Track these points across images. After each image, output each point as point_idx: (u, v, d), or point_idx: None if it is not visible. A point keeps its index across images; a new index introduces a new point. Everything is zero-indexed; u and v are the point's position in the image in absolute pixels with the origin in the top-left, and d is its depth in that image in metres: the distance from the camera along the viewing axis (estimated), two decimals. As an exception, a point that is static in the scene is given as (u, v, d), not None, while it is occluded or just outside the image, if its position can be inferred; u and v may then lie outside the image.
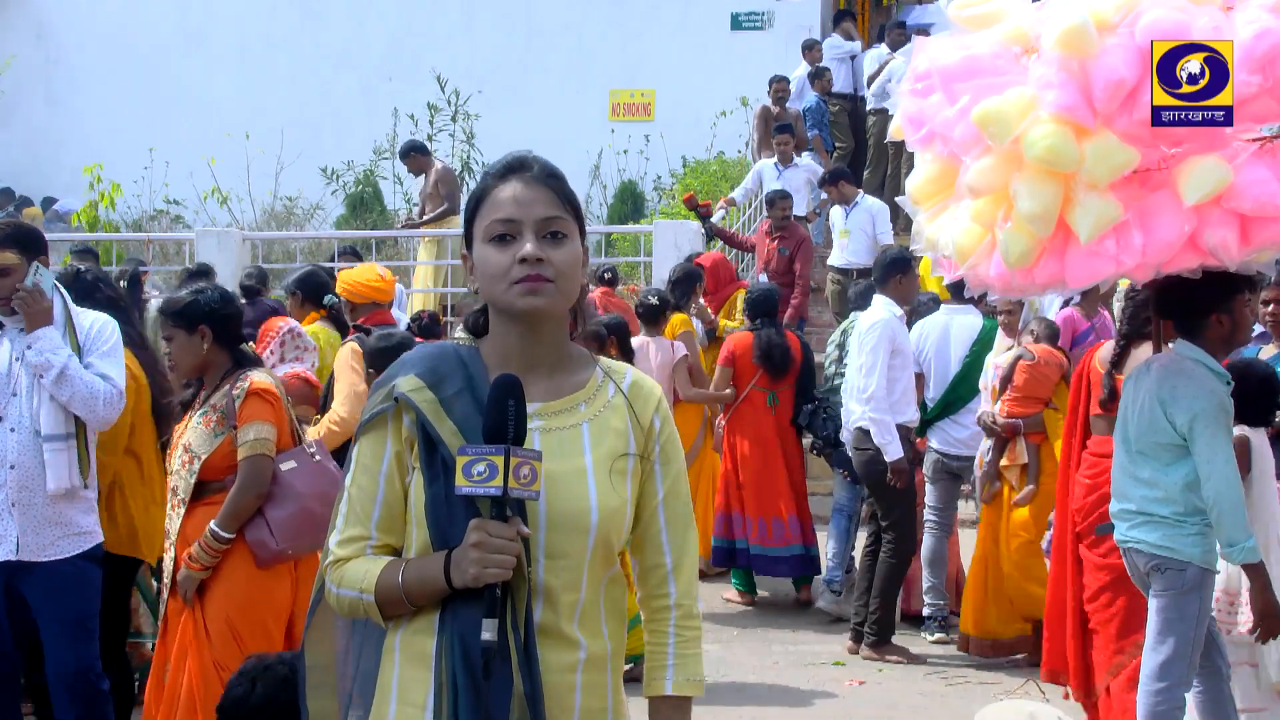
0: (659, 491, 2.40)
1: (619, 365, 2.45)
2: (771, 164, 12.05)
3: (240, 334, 4.60)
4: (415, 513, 2.29)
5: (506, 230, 2.28)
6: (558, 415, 2.33)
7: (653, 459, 2.40)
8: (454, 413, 2.27)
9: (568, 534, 2.26)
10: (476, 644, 2.18)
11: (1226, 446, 4.39)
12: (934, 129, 4.30)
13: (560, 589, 2.26)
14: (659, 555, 2.41)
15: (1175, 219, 3.95)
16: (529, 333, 2.33)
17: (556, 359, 2.37)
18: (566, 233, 2.31)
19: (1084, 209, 3.96)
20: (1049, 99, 3.92)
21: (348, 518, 2.35)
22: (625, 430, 2.36)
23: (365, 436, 2.35)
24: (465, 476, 2.16)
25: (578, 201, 2.37)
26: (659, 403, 2.42)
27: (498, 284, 2.28)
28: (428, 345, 2.47)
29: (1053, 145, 3.91)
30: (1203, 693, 4.72)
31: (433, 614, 2.26)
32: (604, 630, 2.33)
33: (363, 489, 2.33)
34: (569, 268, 2.30)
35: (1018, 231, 4.10)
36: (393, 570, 2.28)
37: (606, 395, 2.38)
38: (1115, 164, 3.93)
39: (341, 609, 2.35)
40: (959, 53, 4.22)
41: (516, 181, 2.31)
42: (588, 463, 2.30)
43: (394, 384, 2.31)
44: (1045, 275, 4.23)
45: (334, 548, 2.35)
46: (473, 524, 2.18)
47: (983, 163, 4.13)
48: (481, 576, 2.16)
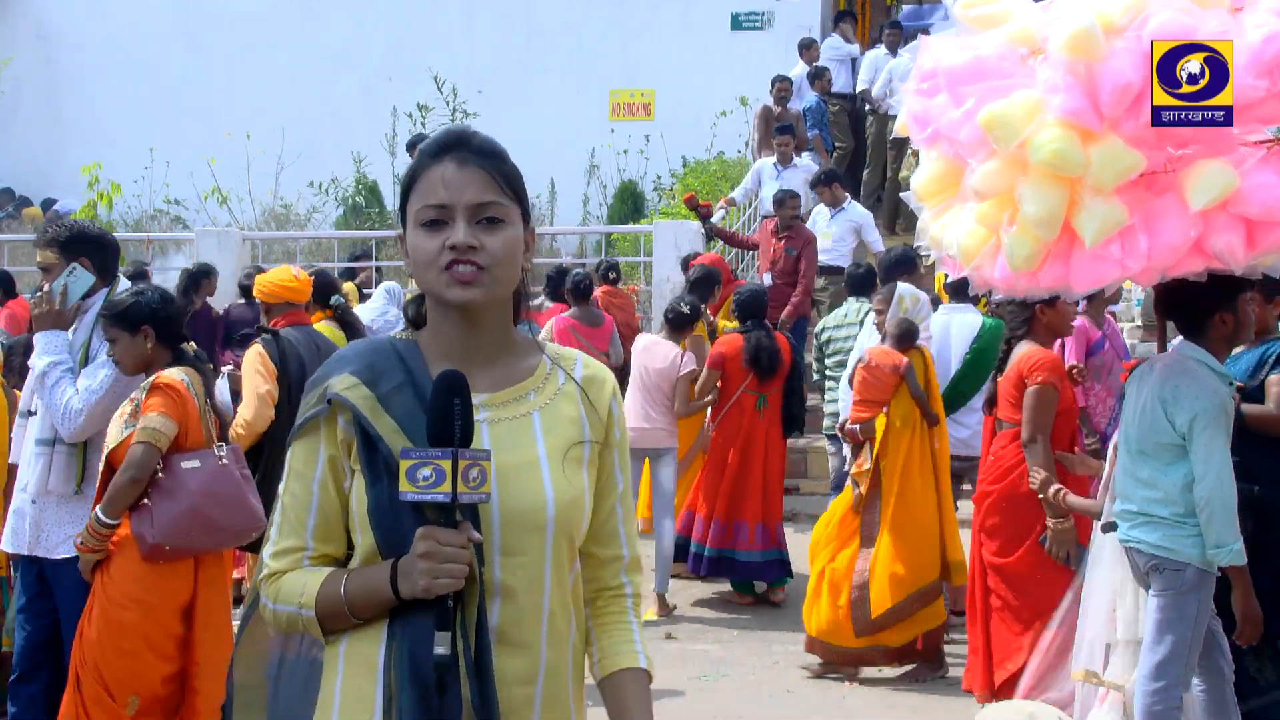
0: (619, 483, 2.29)
1: (568, 351, 2.33)
2: (771, 164, 12.06)
3: (181, 333, 4.63)
4: (358, 518, 2.14)
5: (438, 215, 2.13)
6: (506, 405, 2.20)
7: (613, 447, 2.28)
8: (394, 409, 2.13)
9: (524, 530, 2.12)
10: (427, 656, 2.03)
11: (1224, 448, 4.40)
12: (939, 129, 4.30)
13: (521, 589, 2.12)
14: (618, 548, 2.30)
15: (1181, 223, 3.94)
16: (468, 323, 2.19)
17: (500, 347, 2.23)
18: (503, 218, 2.15)
19: (1089, 213, 3.95)
20: (1055, 103, 3.91)
21: (282, 528, 2.20)
22: (579, 418, 2.24)
23: (298, 441, 2.20)
24: (410, 481, 2.01)
25: (520, 182, 2.21)
26: (614, 390, 2.31)
27: (428, 271, 2.14)
28: (361, 341, 2.33)
29: (1059, 150, 3.90)
30: (1205, 692, 4.72)
31: (380, 622, 2.11)
32: (570, 636, 2.20)
33: (296, 497, 2.19)
34: (505, 255, 2.14)
35: (1023, 235, 4.09)
36: (334, 582, 2.13)
37: (557, 382, 2.25)
38: (1121, 168, 3.92)
39: (278, 624, 2.20)
40: (965, 54, 4.20)
41: (450, 162, 2.15)
42: (540, 453, 2.17)
43: (327, 384, 2.17)
44: (1050, 278, 4.23)
45: (268, 560, 2.20)
46: (420, 533, 2.03)
47: (988, 165, 4.12)
48: (432, 588, 2.01)
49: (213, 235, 12.61)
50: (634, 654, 2.27)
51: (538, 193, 16.08)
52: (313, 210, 16.09)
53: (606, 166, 16.26)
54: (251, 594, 2.26)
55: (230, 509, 4.42)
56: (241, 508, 4.45)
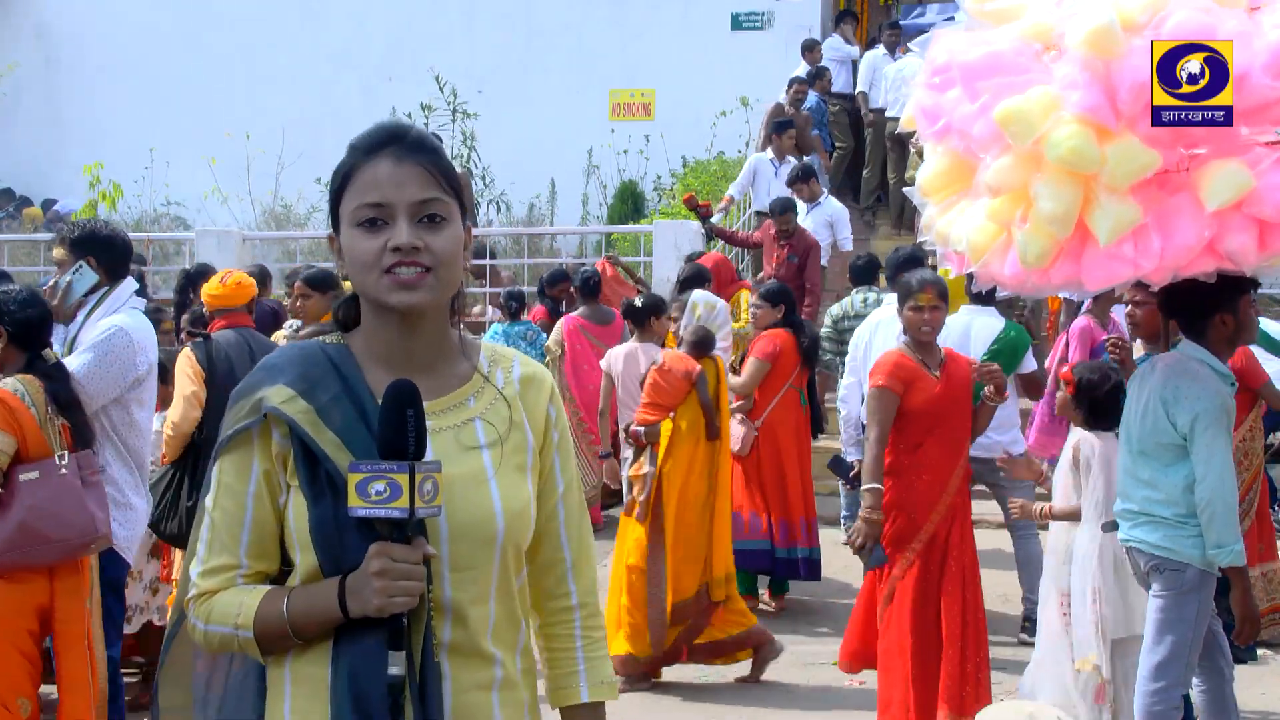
0: (559, 485, 2.20)
1: (505, 351, 2.23)
2: (767, 159, 12.08)
3: (43, 339, 4.52)
4: (298, 537, 2.03)
5: (377, 214, 2.03)
6: (446, 413, 2.10)
7: (552, 451, 2.20)
8: (333, 422, 2.02)
9: (473, 544, 2.04)
10: (372, 677, 1.96)
11: (1225, 448, 4.40)
12: (951, 123, 4.25)
13: (469, 603, 2.04)
14: (557, 551, 2.21)
15: (1195, 224, 3.92)
16: (406, 327, 2.08)
17: (438, 350, 2.13)
18: (445, 215, 2.05)
19: (1104, 212, 3.93)
20: (1073, 99, 3.88)
21: (211, 545, 2.08)
22: (521, 423, 2.15)
23: (227, 455, 2.08)
24: (360, 496, 1.92)
25: (457, 177, 2.12)
26: (552, 391, 2.23)
27: (368, 274, 2.03)
28: (290, 347, 2.17)
29: (1076, 147, 3.87)
30: (1205, 693, 4.74)
31: (325, 641, 2.02)
32: (518, 643, 2.14)
33: (228, 513, 2.07)
34: (448, 255, 2.05)
35: (1036, 232, 4.07)
36: (274, 601, 2.02)
37: (496, 386, 2.16)
38: (1137, 166, 3.90)
39: (209, 646, 2.09)
40: (981, 49, 4.16)
41: (386, 159, 2.05)
42: (486, 463, 2.08)
43: (260, 396, 2.05)
44: (1061, 276, 4.20)
45: (197, 579, 2.08)
46: (374, 550, 1.94)
47: (1003, 161, 4.09)
48: (387, 607, 1.93)
49: (213, 235, 12.62)
50: (577, 689, 2.21)
51: (537, 193, 16.09)
52: (312, 210, 16.09)
53: (606, 166, 16.25)
54: (175, 614, 2.18)
55: (64, 523, 4.28)
56: (76, 520, 4.30)
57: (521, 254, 13.10)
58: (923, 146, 4.75)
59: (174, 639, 2.20)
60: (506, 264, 13.02)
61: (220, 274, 6.55)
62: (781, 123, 12.23)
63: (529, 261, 12.51)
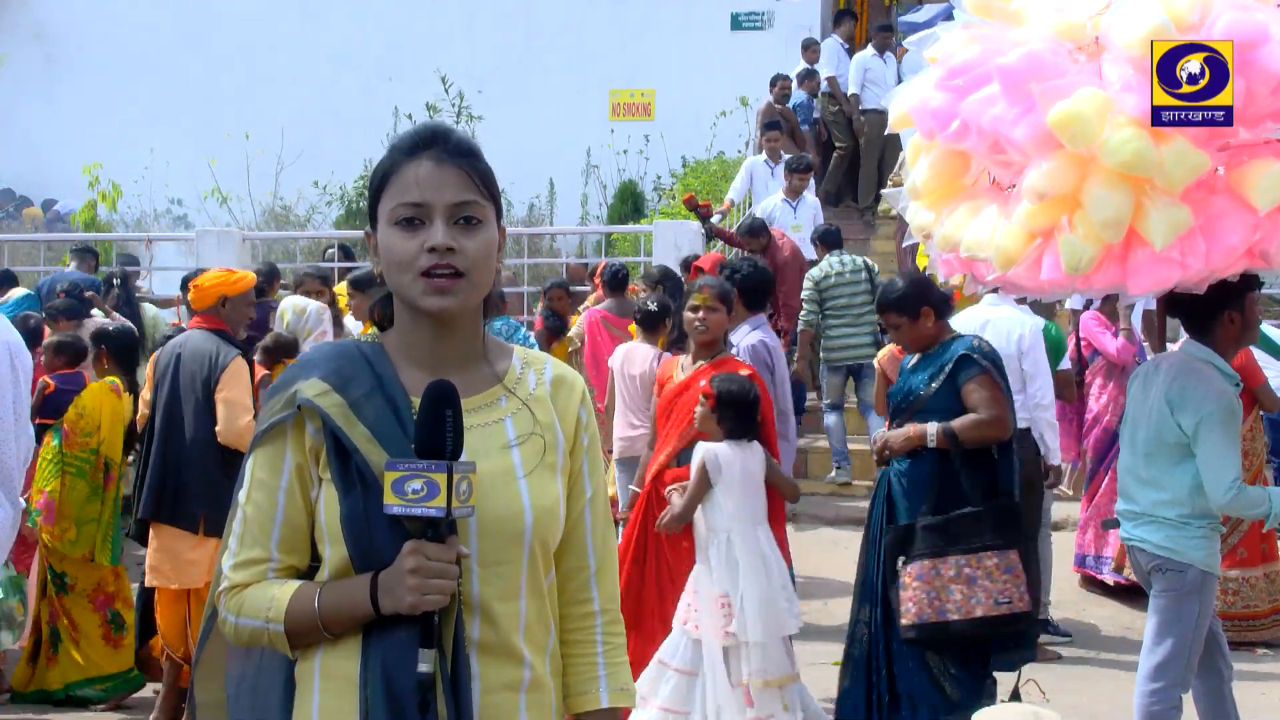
0: (587, 490, 2.22)
1: (537, 354, 2.26)
2: (761, 161, 12.11)
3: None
4: (328, 530, 2.05)
5: (414, 214, 2.06)
6: (478, 412, 2.12)
7: (581, 455, 2.21)
8: (365, 416, 2.05)
9: (501, 540, 2.06)
10: (403, 674, 1.96)
11: (1233, 449, 4.38)
12: (976, 125, 4.14)
13: (497, 599, 2.06)
14: (582, 558, 2.21)
15: (1243, 225, 3.88)
16: (440, 328, 2.11)
17: (471, 351, 2.16)
18: (481, 218, 2.08)
19: (1158, 215, 3.86)
20: (1130, 103, 3.81)
21: (243, 538, 2.10)
22: (552, 424, 2.17)
23: (261, 448, 2.10)
24: (396, 494, 1.94)
25: (494, 180, 2.14)
26: (583, 395, 2.24)
27: (403, 274, 2.06)
28: (326, 344, 2.23)
29: (1138, 149, 3.80)
30: (1204, 694, 4.73)
31: (354, 636, 2.03)
32: (548, 644, 2.14)
33: (260, 507, 2.09)
34: (482, 258, 2.08)
35: (1088, 238, 3.98)
36: (305, 596, 2.03)
37: (528, 387, 2.18)
38: (1190, 167, 3.84)
39: (240, 639, 2.11)
40: (1016, 49, 4.05)
41: (427, 160, 2.08)
42: (515, 461, 2.10)
43: (295, 389, 2.08)
44: (1105, 280, 4.13)
45: (229, 572, 2.10)
46: (408, 548, 1.96)
47: (1049, 165, 3.99)
48: (420, 605, 1.94)
49: (213, 235, 12.60)
50: (596, 694, 2.20)
51: (537, 193, 16.09)
52: (312, 210, 16.10)
53: (606, 166, 16.25)
54: (209, 608, 2.18)
55: None
56: None
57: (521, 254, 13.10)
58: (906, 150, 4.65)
59: (208, 634, 2.21)
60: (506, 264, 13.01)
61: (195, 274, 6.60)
62: (766, 124, 12.27)
63: (529, 261, 12.50)
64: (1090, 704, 6.04)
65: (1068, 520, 8.39)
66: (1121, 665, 6.52)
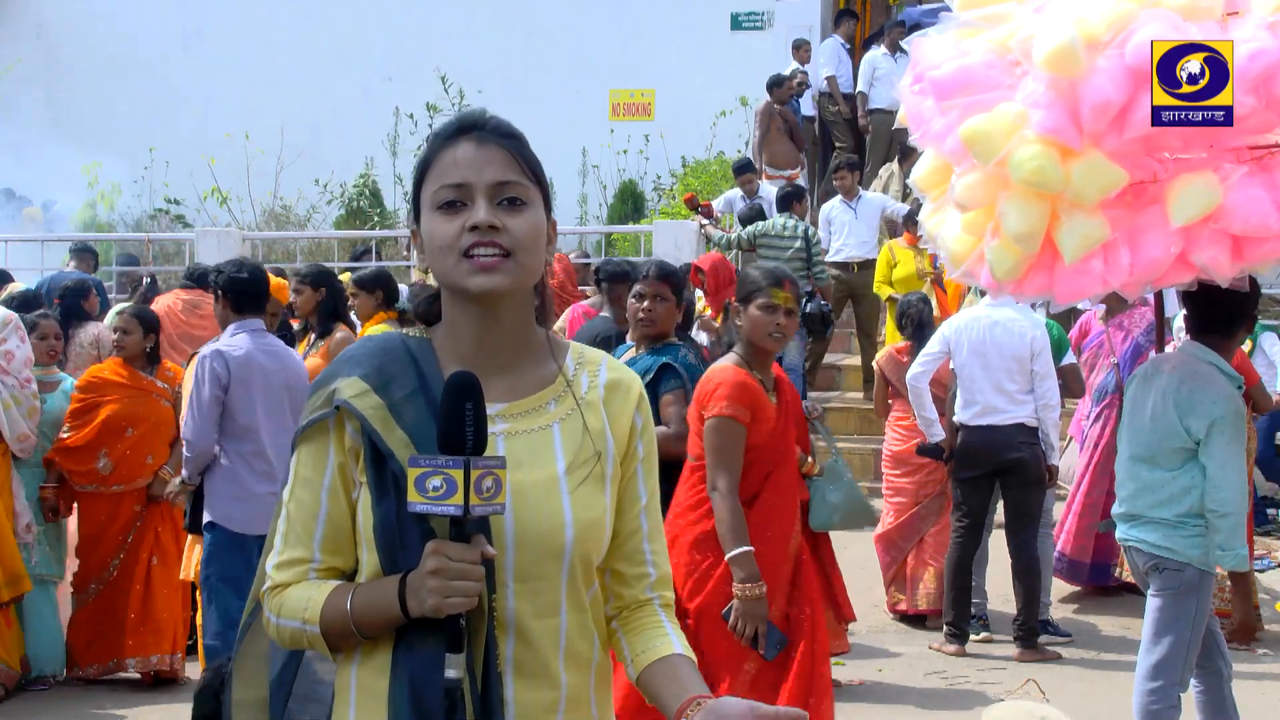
0: (642, 497, 2.11)
1: (593, 353, 2.14)
2: (738, 195, 12.13)
3: None
4: (364, 534, 1.99)
5: (456, 196, 1.97)
6: (524, 416, 2.02)
7: (635, 462, 2.10)
8: (405, 420, 1.96)
9: (539, 554, 1.96)
10: (430, 683, 1.90)
11: (1241, 454, 4.40)
12: (928, 132, 4.27)
13: (534, 615, 1.96)
14: (641, 566, 2.12)
15: (1162, 239, 3.89)
16: (487, 318, 2.01)
17: (521, 349, 2.06)
18: (525, 199, 1.99)
19: (1069, 230, 3.90)
20: (1036, 119, 3.85)
21: (286, 537, 2.04)
22: (603, 430, 2.06)
23: (304, 445, 2.03)
24: (418, 491, 1.85)
25: (540, 166, 2.06)
26: (640, 398, 2.12)
27: (446, 257, 1.97)
28: (373, 339, 2.11)
29: (1038, 168, 3.83)
30: (1203, 693, 4.73)
31: (387, 649, 1.97)
32: (593, 658, 2.05)
33: (303, 505, 2.02)
34: (529, 239, 1.98)
35: (1004, 249, 4.05)
36: (339, 598, 1.98)
37: (580, 390, 2.07)
38: (1102, 184, 3.87)
39: (282, 640, 2.06)
40: (951, 63, 4.13)
41: (466, 142, 2.00)
42: (560, 470, 2.00)
43: (334, 387, 2.00)
44: (1034, 288, 4.20)
45: (271, 571, 2.05)
46: (429, 548, 1.88)
47: (970, 178, 4.08)
48: (442, 607, 1.86)
49: (212, 235, 12.62)
50: (669, 643, 2.08)
51: (537, 193, 16.08)
52: (312, 210, 16.10)
53: (606, 166, 16.25)
54: (251, 604, 2.13)
55: None
56: None
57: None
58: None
59: (248, 630, 2.15)
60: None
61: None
62: (740, 165, 12.23)
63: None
64: (1090, 704, 6.04)
65: (1067, 521, 8.39)
66: (1121, 665, 6.53)
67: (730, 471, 4.24)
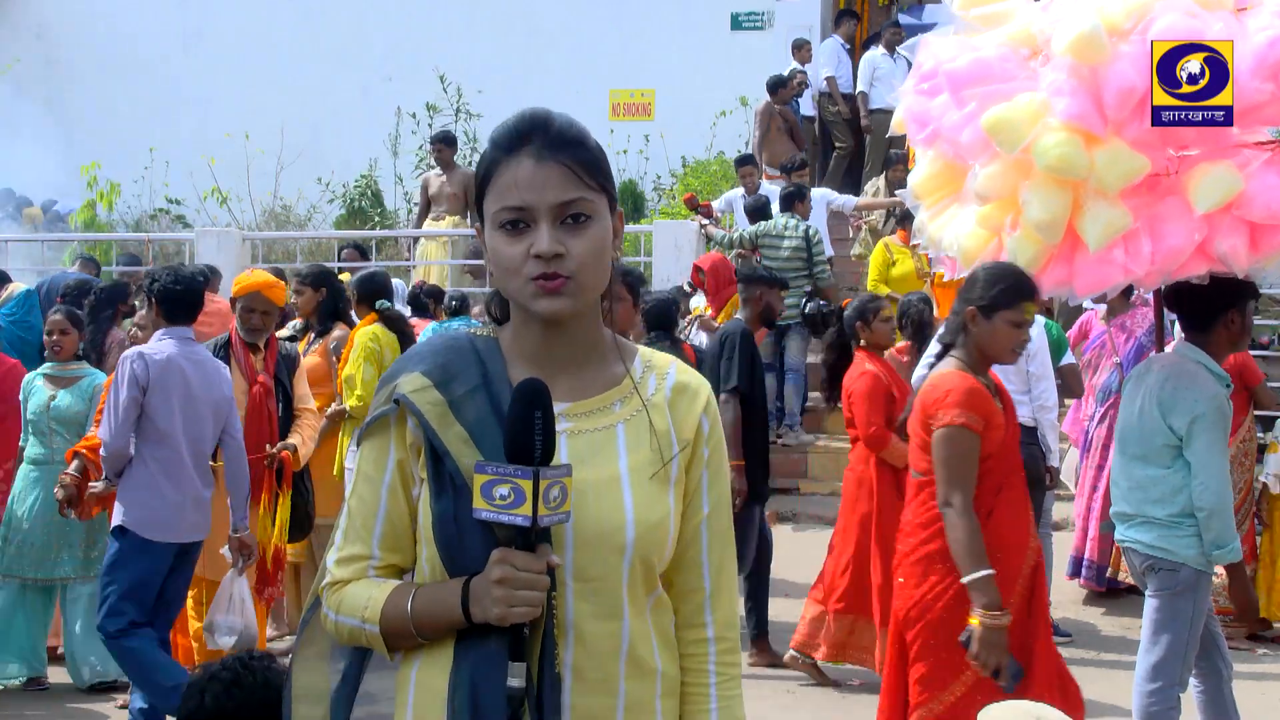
0: (704, 506, 2.08)
1: (661, 357, 2.13)
2: (739, 194, 12.11)
3: None
4: (424, 530, 1.98)
5: (518, 217, 1.95)
6: (588, 416, 2.02)
7: (700, 467, 2.07)
8: (464, 415, 1.96)
9: (599, 553, 1.94)
10: (490, 684, 1.89)
11: (1223, 451, 4.41)
12: (940, 129, 4.28)
13: (594, 616, 1.94)
14: (698, 579, 2.08)
15: (1185, 227, 3.91)
16: (552, 329, 2.01)
17: (587, 351, 2.05)
18: (590, 213, 1.96)
19: (1093, 217, 3.92)
20: (1060, 107, 3.87)
21: (347, 534, 2.05)
22: (668, 432, 2.04)
23: (367, 442, 2.04)
24: (485, 499, 1.85)
25: (602, 165, 2.01)
26: (708, 402, 2.10)
27: (511, 279, 1.97)
28: (439, 337, 2.13)
29: (1064, 154, 3.86)
30: (1202, 693, 4.74)
31: (449, 648, 1.96)
32: (656, 664, 2.01)
33: (364, 502, 2.03)
34: (593, 258, 1.96)
35: (1026, 239, 4.07)
36: (400, 598, 1.97)
37: (646, 392, 2.06)
38: (1126, 171, 3.89)
39: (340, 637, 2.06)
40: (967, 55, 4.16)
41: (526, 158, 1.96)
42: (623, 470, 1.98)
43: (396, 383, 2.01)
44: (1052, 280, 4.21)
45: (332, 567, 2.05)
46: (496, 556, 1.88)
47: (992, 169, 4.09)
48: (508, 617, 1.86)
49: (212, 235, 12.61)
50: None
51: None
52: (312, 210, 16.09)
53: (606, 166, 16.24)
54: (312, 598, 2.12)
55: None
56: None
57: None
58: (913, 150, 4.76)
59: (309, 623, 2.14)
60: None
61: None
62: (742, 159, 12.23)
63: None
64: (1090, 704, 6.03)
65: (1067, 520, 8.38)
66: (1121, 665, 6.52)
67: (965, 486, 3.98)
